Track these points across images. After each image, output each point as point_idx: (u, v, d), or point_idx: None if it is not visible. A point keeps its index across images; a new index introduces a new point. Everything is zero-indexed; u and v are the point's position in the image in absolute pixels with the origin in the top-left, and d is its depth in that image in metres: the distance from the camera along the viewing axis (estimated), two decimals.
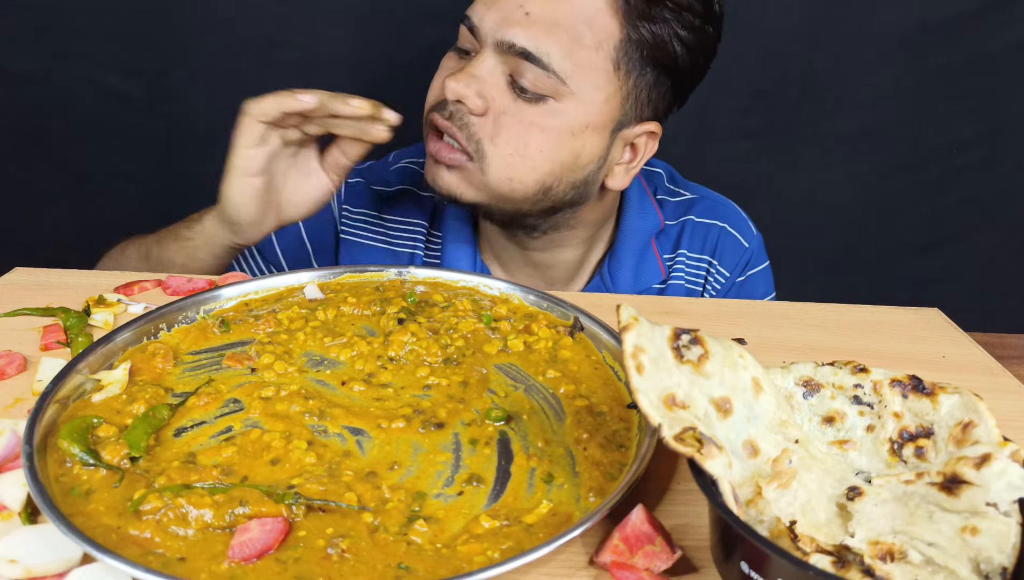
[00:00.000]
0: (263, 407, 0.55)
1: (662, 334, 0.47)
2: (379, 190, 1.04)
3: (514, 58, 0.82)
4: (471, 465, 0.51)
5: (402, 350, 0.63)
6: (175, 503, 0.44)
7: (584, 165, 0.88)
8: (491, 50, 0.83)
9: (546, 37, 0.81)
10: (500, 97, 0.84)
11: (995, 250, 1.55)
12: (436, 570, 0.42)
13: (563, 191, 0.89)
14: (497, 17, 0.82)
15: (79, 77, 1.34)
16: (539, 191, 0.88)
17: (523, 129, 0.84)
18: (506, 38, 0.82)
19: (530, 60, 0.82)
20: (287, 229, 1.02)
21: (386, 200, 1.04)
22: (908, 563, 0.40)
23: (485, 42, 0.84)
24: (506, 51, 0.82)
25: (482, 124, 0.84)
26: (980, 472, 0.43)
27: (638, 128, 0.90)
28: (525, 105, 0.84)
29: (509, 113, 0.84)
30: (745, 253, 1.06)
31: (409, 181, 1.05)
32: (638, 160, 0.92)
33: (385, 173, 1.06)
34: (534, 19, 0.81)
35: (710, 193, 1.10)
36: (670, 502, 0.50)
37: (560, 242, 0.98)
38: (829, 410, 0.51)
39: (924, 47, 1.38)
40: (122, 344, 0.61)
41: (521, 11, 0.81)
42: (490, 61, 0.84)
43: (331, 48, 1.36)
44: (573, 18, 0.82)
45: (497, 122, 0.84)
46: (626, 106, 0.87)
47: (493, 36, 0.83)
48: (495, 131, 0.84)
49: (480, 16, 0.84)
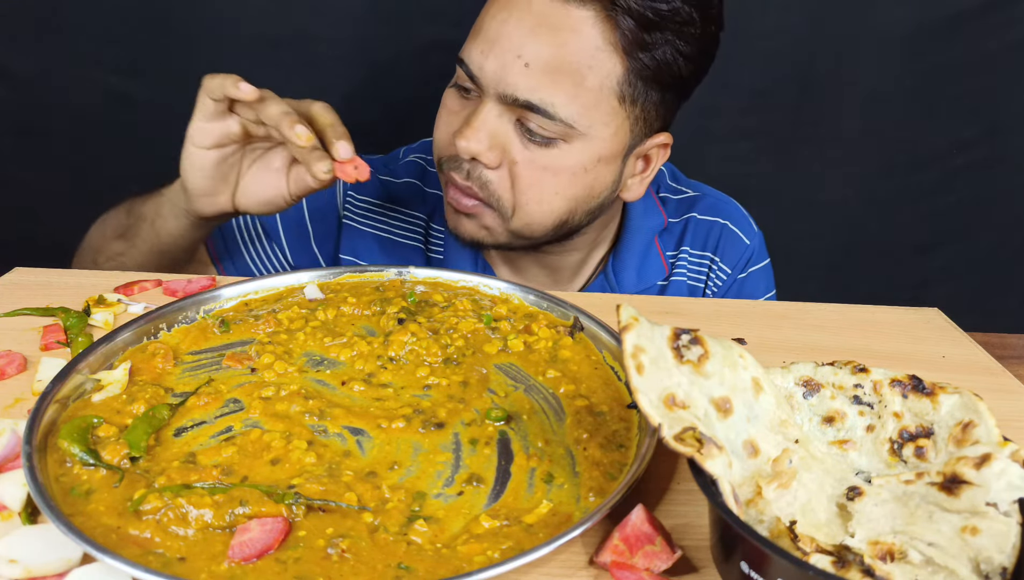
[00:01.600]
0: (263, 407, 0.55)
1: (662, 334, 0.47)
2: (386, 181, 1.05)
3: (519, 108, 0.81)
4: (471, 465, 0.51)
5: (402, 350, 0.63)
6: (175, 503, 0.44)
7: (599, 194, 0.89)
8: (494, 101, 0.82)
9: (549, 87, 0.80)
10: (511, 147, 0.83)
11: (995, 250, 1.55)
12: (436, 570, 0.42)
13: (580, 218, 0.90)
14: (495, 67, 0.81)
15: (79, 77, 1.34)
16: (557, 226, 0.89)
17: (537, 174, 0.84)
18: (508, 92, 0.81)
19: (535, 111, 0.81)
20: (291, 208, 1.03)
21: (391, 191, 1.05)
22: (908, 563, 0.40)
23: (487, 91, 0.82)
24: (510, 102, 0.81)
25: (499, 178, 0.85)
26: (980, 472, 0.43)
27: (649, 143, 0.90)
28: (536, 149, 0.83)
29: (521, 161, 0.84)
30: (746, 250, 1.06)
31: (416, 175, 1.06)
32: (651, 169, 0.93)
33: (394, 165, 1.07)
34: (533, 69, 0.80)
35: (711, 191, 1.10)
36: (670, 502, 0.50)
37: (570, 246, 0.98)
38: (829, 410, 0.51)
39: (924, 47, 1.38)
40: (122, 344, 0.61)
41: (520, 62, 0.80)
42: (494, 111, 0.83)
43: (331, 48, 1.36)
44: (573, 62, 0.80)
45: (512, 172, 0.84)
46: (635, 130, 0.87)
47: (495, 88, 0.81)
48: (512, 182, 0.85)
49: (479, 65, 0.82)
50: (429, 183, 1.05)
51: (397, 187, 1.05)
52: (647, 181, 0.93)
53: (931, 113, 1.44)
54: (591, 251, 1.02)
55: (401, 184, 1.05)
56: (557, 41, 0.79)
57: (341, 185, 1.04)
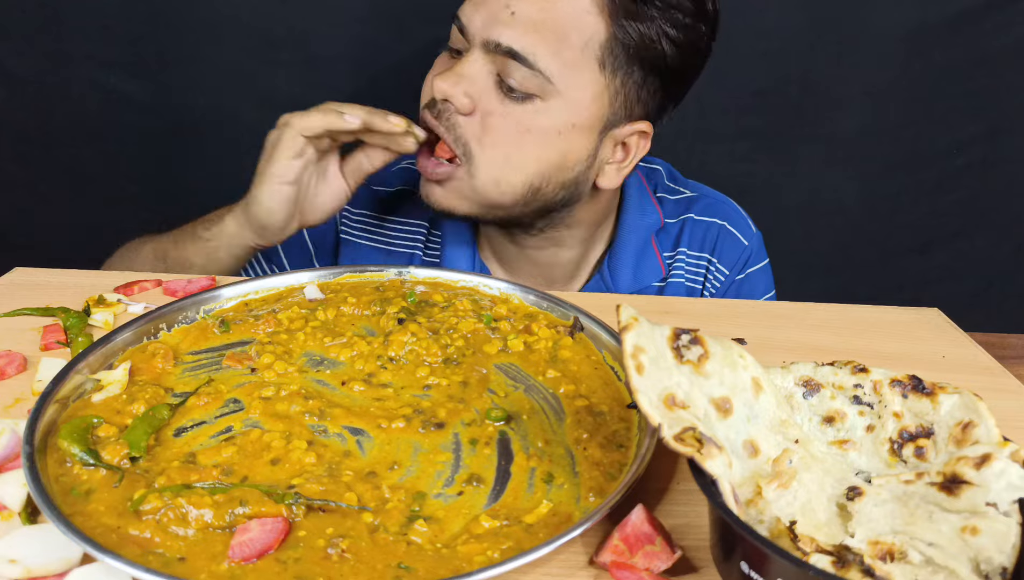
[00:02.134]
0: (263, 407, 0.55)
1: (662, 334, 0.47)
2: (379, 191, 1.05)
3: (501, 58, 0.83)
4: (471, 465, 0.51)
5: (402, 350, 0.63)
6: (175, 503, 0.44)
7: (572, 165, 0.88)
8: (479, 50, 0.84)
9: (532, 36, 0.82)
10: (487, 97, 0.84)
11: (995, 250, 1.55)
12: (436, 570, 0.42)
13: (552, 191, 0.89)
14: (484, 16, 0.83)
15: (79, 77, 1.34)
16: (528, 192, 0.88)
17: (510, 129, 0.85)
18: (492, 37, 0.82)
19: (516, 59, 0.82)
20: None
21: (385, 201, 1.05)
22: (908, 563, 0.40)
23: (473, 42, 0.84)
24: (493, 51, 0.83)
25: (469, 124, 0.85)
26: (980, 472, 0.43)
27: (628, 128, 0.89)
28: (512, 105, 0.84)
29: (496, 113, 0.84)
30: (744, 251, 1.06)
31: (409, 182, 1.05)
32: (629, 160, 0.92)
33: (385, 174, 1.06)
34: (520, 19, 0.82)
35: (709, 191, 1.10)
36: (670, 502, 0.50)
37: (558, 241, 0.98)
38: (829, 410, 0.51)
39: (924, 47, 1.38)
40: (122, 344, 0.61)
41: (507, 11, 0.82)
42: (478, 61, 0.84)
43: (331, 48, 1.36)
44: (559, 17, 0.82)
45: (484, 122, 0.85)
46: (615, 105, 0.87)
47: (480, 36, 0.83)
48: (482, 131, 0.85)
49: (469, 16, 0.85)
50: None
51: (391, 197, 1.05)
52: (624, 171, 0.93)
53: (931, 113, 1.44)
54: (586, 251, 1.02)
55: (394, 193, 1.05)
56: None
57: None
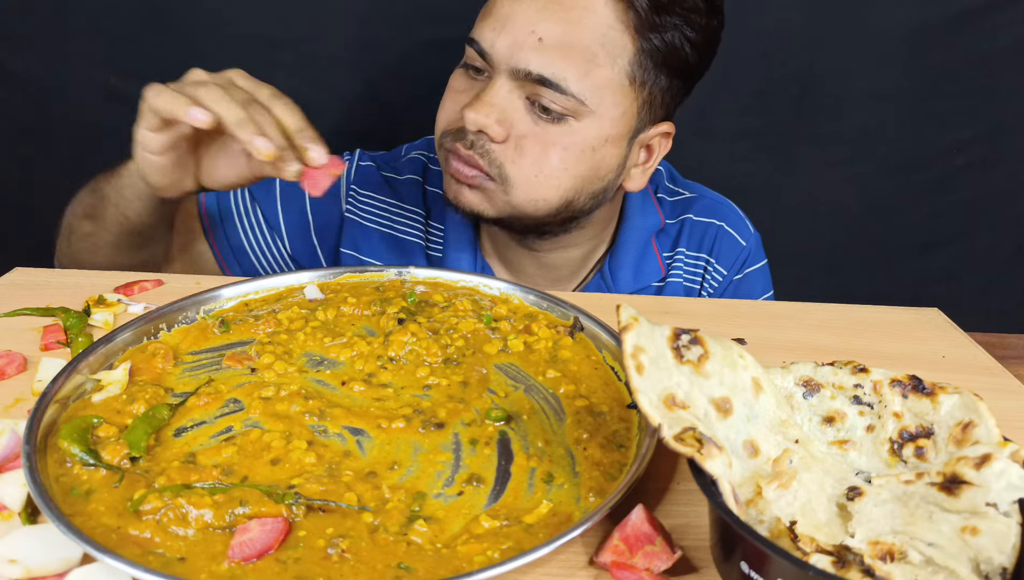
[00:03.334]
0: (263, 407, 0.55)
1: (662, 334, 0.47)
2: (388, 177, 1.05)
3: (531, 84, 0.82)
4: (471, 465, 0.51)
5: (402, 350, 0.63)
6: (175, 503, 0.44)
7: (604, 176, 0.89)
8: (506, 77, 0.83)
9: (561, 61, 0.81)
10: (520, 121, 0.84)
11: (995, 250, 1.55)
12: (436, 570, 0.42)
13: (584, 202, 0.90)
14: (509, 42, 0.82)
15: (79, 77, 1.34)
16: (562, 205, 0.88)
17: (544, 149, 0.84)
18: (520, 65, 0.81)
19: (547, 85, 0.81)
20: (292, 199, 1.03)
21: (394, 186, 1.05)
22: (908, 563, 0.40)
23: (498, 68, 0.83)
24: (522, 78, 0.82)
25: (503, 149, 0.85)
26: (980, 472, 0.43)
27: (653, 130, 0.90)
28: (546, 125, 0.84)
29: (530, 136, 0.84)
30: (742, 252, 1.06)
31: (419, 172, 1.06)
32: (653, 160, 0.93)
33: (397, 163, 1.07)
34: (547, 44, 0.81)
35: (708, 192, 1.10)
36: (670, 502, 0.50)
37: (568, 242, 0.98)
38: (829, 410, 0.51)
39: (924, 47, 1.38)
40: (122, 344, 0.61)
41: (533, 36, 0.81)
42: (506, 87, 0.83)
43: (331, 48, 1.36)
44: (586, 39, 0.81)
45: (518, 145, 0.84)
46: (642, 114, 0.88)
47: (507, 63, 0.82)
48: (516, 154, 0.85)
49: (490, 42, 0.83)
50: (431, 181, 1.05)
51: (400, 184, 1.05)
52: (649, 172, 0.94)
53: (931, 113, 1.44)
54: (589, 251, 1.02)
55: (404, 181, 1.05)
56: (571, 18, 0.81)
57: (344, 180, 1.04)
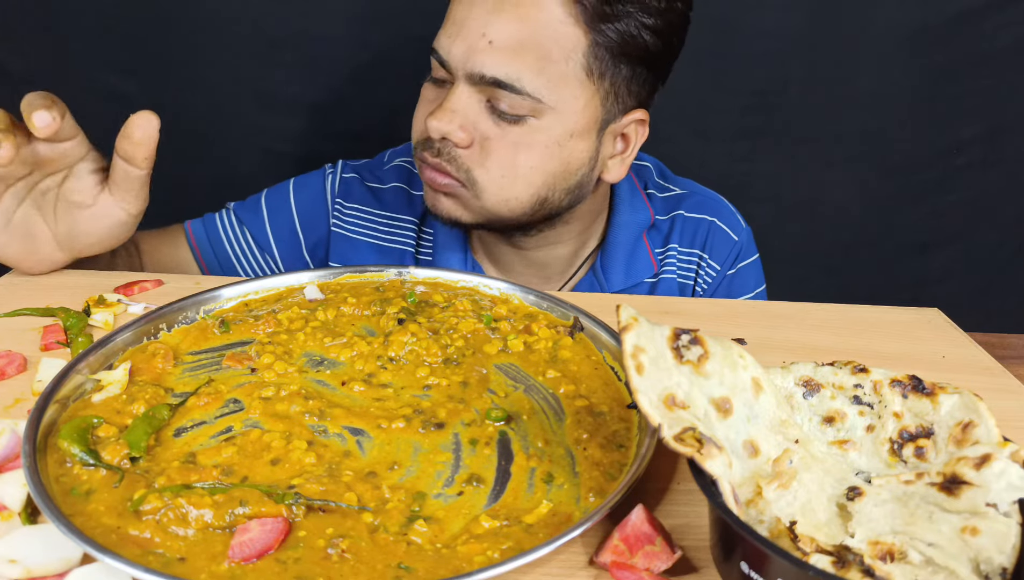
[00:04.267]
0: (263, 407, 0.55)
1: (662, 334, 0.47)
2: (372, 187, 1.05)
3: (488, 86, 0.82)
4: (471, 465, 0.51)
5: (402, 350, 0.63)
6: (175, 503, 0.44)
7: (576, 170, 0.89)
8: (464, 82, 0.83)
9: (513, 62, 0.81)
10: (482, 124, 0.84)
11: (995, 250, 1.55)
12: (436, 570, 0.42)
13: (559, 198, 0.90)
14: (463, 48, 0.82)
15: (79, 77, 1.34)
16: (535, 204, 0.88)
17: (509, 150, 0.84)
18: (475, 69, 0.81)
19: (503, 87, 0.81)
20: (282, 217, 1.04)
21: (379, 197, 1.05)
22: (908, 563, 0.40)
23: (456, 74, 0.83)
24: (478, 81, 0.82)
25: (469, 154, 0.85)
26: (980, 472, 0.43)
27: (625, 119, 0.90)
28: (508, 127, 0.84)
29: (493, 137, 0.84)
30: (735, 246, 1.06)
31: (403, 180, 1.06)
32: (631, 149, 0.93)
33: (380, 171, 1.07)
34: (498, 45, 0.81)
35: (699, 188, 1.10)
36: (670, 502, 0.50)
37: (555, 238, 0.98)
38: (829, 410, 0.51)
39: (924, 47, 1.38)
40: (122, 344, 0.61)
41: (484, 40, 0.81)
42: (465, 93, 0.83)
43: (330, 48, 1.36)
44: (536, 36, 0.81)
45: (483, 148, 0.85)
46: (607, 104, 0.87)
47: (463, 68, 0.82)
48: (483, 157, 0.85)
49: (447, 49, 0.83)
50: (416, 186, 1.05)
51: (385, 193, 1.05)
52: (628, 161, 0.93)
53: (931, 113, 1.44)
54: (578, 248, 1.02)
55: (389, 189, 1.05)
56: (519, 16, 0.81)
57: (330, 193, 1.04)
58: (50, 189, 0.72)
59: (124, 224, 0.75)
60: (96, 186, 0.72)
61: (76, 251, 0.75)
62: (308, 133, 1.44)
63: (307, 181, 1.07)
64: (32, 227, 0.73)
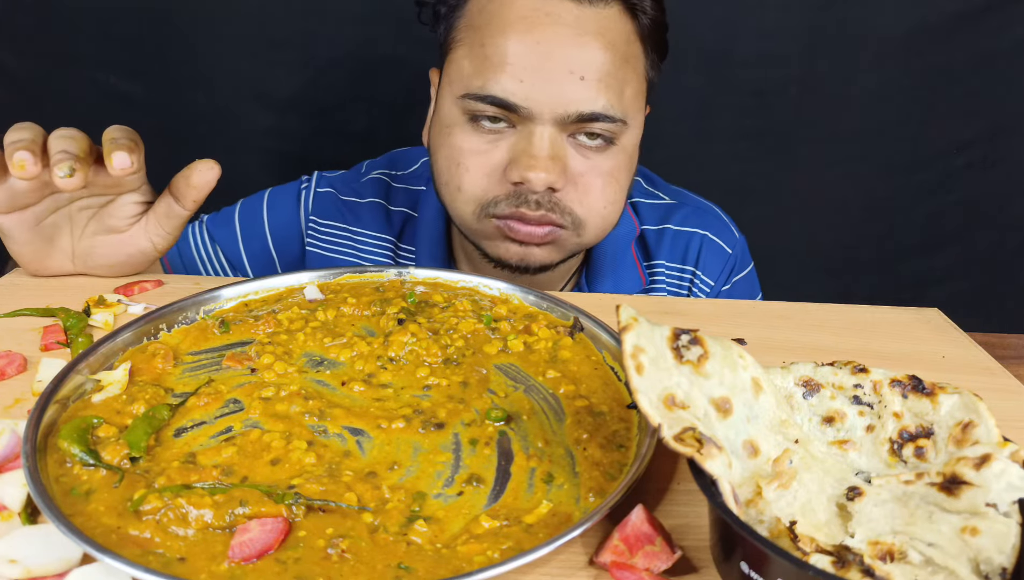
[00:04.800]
0: (263, 407, 0.55)
1: (661, 334, 0.47)
2: (349, 201, 1.02)
3: (576, 122, 0.80)
4: (471, 465, 0.51)
5: (402, 350, 0.63)
6: (175, 503, 0.44)
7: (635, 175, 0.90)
8: (550, 124, 0.80)
9: (605, 92, 0.79)
10: (570, 161, 0.82)
11: (995, 250, 1.55)
12: (436, 570, 0.42)
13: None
14: (550, 90, 0.78)
15: (79, 77, 1.34)
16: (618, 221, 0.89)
17: (603, 180, 0.83)
18: (570, 109, 0.79)
19: (597, 120, 0.80)
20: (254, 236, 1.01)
21: (355, 212, 1.02)
22: (908, 563, 0.40)
23: (539, 117, 0.79)
24: (571, 121, 0.80)
25: (566, 194, 0.82)
26: (980, 472, 0.43)
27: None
28: (595, 156, 0.82)
29: (585, 173, 0.82)
30: (729, 260, 1.04)
31: (381, 195, 1.03)
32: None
33: (356, 184, 1.03)
34: (590, 80, 0.78)
35: (690, 197, 1.07)
36: (670, 502, 0.50)
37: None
38: (829, 410, 0.51)
39: (924, 47, 1.38)
40: (122, 344, 0.61)
41: (574, 77, 0.78)
42: (554, 134, 0.80)
43: (331, 48, 1.36)
44: (618, 59, 0.80)
45: (577, 185, 0.82)
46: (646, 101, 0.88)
47: (551, 111, 0.79)
48: (581, 194, 0.83)
49: (525, 95, 0.78)
50: (393, 201, 1.02)
51: (363, 208, 1.02)
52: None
53: (931, 113, 1.44)
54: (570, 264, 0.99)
55: (366, 204, 1.02)
56: (600, 44, 0.79)
57: (303, 210, 1.01)
58: (90, 207, 0.73)
59: (146, 255, 0.75)
60: (134, 217, 0.74)
61: (87, 268, 0.76)
62: (308, 133, 1.44)
63: (281, 196, 1.03)
64: (56, 236, 0.74)
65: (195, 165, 0.70)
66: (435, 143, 0.88)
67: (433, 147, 0.88)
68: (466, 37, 0.83)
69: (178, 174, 0.71)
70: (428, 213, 0.99)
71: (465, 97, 0.81)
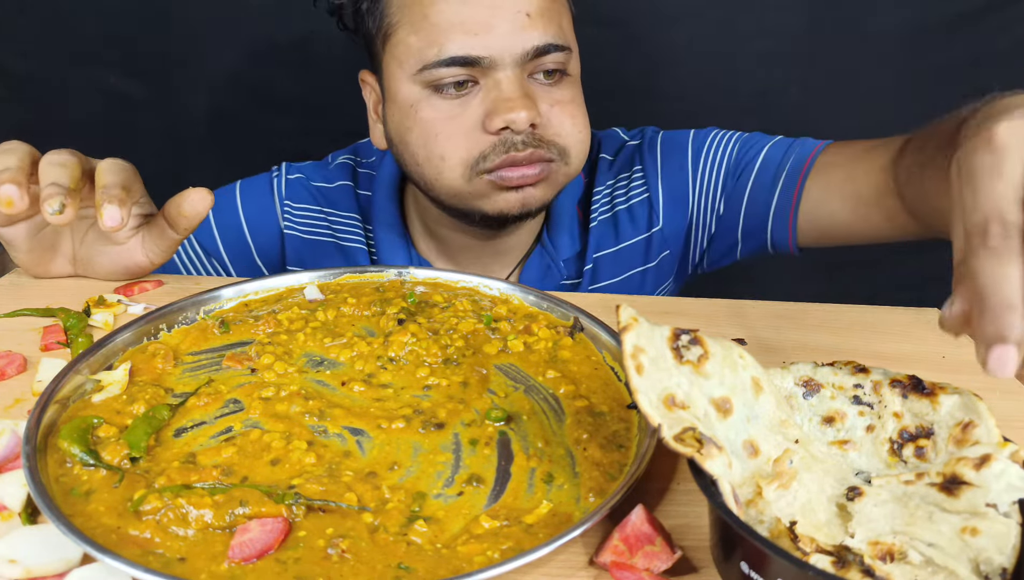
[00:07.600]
0: (263, 407, 0.55)
1: (661, 334, 0.47)
2: (320, 186, 1.05)
3: (530, 60, 0.83)
4: (471, 465, 0.51)
5: (402, 350, 0.63)
6: (175, 503, 0.44)
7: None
8: (512, 67, 0.83)
9: (550, 25, 0.83)
10: (540, 101, 0.85)
11: None
12: (436, 570, 0.42)
13: None
14: (503, 35, 0.81)
15: (79, 77, 1.34)
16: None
17: (569, 106, 0.87)
18: (526, 47, 0.82)
19: (548, 52, 0.83)
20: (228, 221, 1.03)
21: (326, 195, 1.05)
22: (908, 563, 0.40)
23: (500, 63, 0.82)
24: (529, 58, 0.83)
25: (545, 129, 0.85)
26: (980, 473, 0.43)
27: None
28: (556, 90, 0.86)
29: (554, 105, 0.85)
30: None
31: (348, 177, 1.06)
32: None
33: (325, 171, 1.07)
34: (535, 15, 0.82)
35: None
36: (670, 502, 0.50)
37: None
38: (829, 410, 0.51)
39: (924, 47, 1.38)
40: (122, 344, 0.61)
41: (521, 16, 0.82)
42: (518, 75, 0.83)
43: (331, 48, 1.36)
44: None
45: (551, 119, 0.85)
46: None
47: (510, 54, 0.82)
48: (558, 124, 0.86)
49: (482, 46, 0.81)
50: (360, 184, 1.05)
51: (332, 191, 1.05)
52: None
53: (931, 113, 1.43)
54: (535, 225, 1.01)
55: (336, 188, 1.05)
56: None
57: (278, 196, 1.03)
58: (89, 217, 0.75)
59: (141, 268, 0.77)
60: (133, 229, 0.75)
61: (86, 272, 0.78)
62: (308, 133, 1.44)
63: (253, 186, 1.05)
64: (57, 242, 0.76)
65: (187, 194, 0.71)
66: (401, 130, 0.89)
67: (399, 137, 0.89)
68: (403, 16, 0.85)
69: (171, 201, 0.72)
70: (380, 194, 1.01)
71: (424, 70, 0.83)
